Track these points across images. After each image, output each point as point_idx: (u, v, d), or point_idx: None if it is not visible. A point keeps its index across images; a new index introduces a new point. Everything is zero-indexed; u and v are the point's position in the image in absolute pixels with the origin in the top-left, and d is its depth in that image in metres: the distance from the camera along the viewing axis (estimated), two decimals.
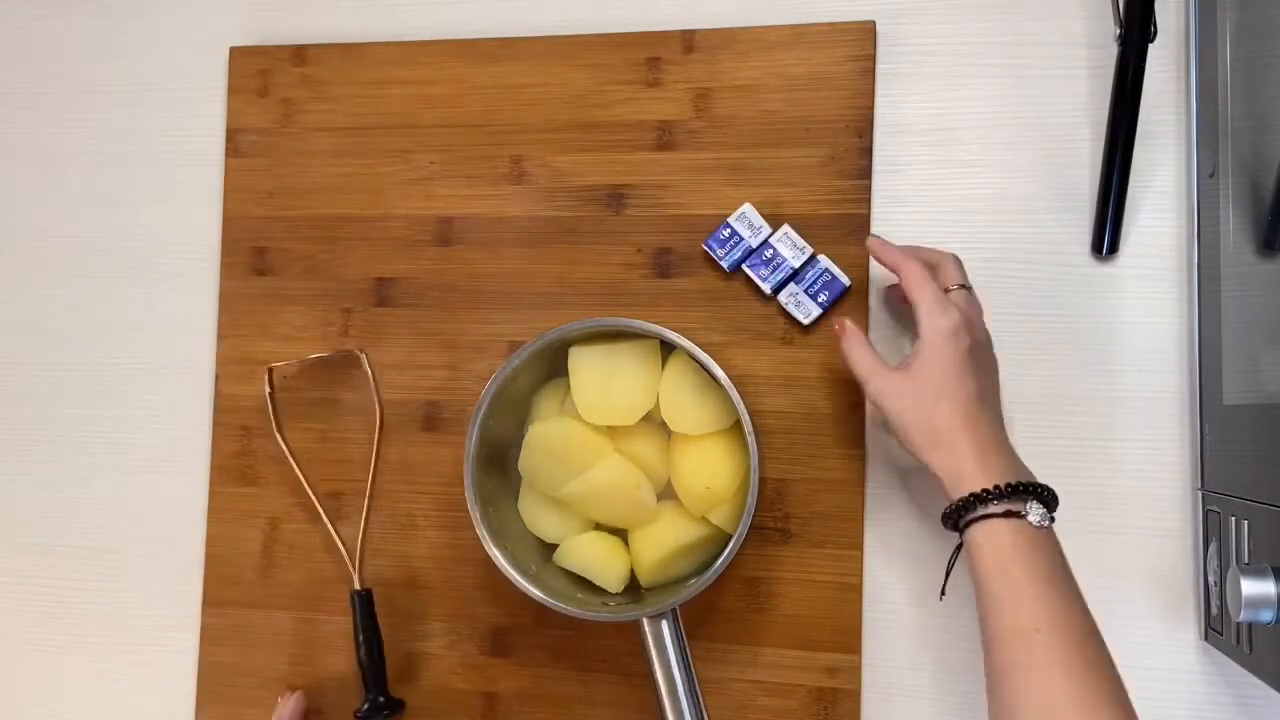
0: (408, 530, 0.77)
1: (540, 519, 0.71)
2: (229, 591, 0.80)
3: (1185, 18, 0.70)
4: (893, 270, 0.64)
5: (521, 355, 0.68)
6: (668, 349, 0.70)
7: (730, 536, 0.65)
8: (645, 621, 0.64)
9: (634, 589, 0.71)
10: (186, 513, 0.82)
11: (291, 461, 0.78)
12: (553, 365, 0.72)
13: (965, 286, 0.65)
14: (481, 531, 0.67)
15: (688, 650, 0.64)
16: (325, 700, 0.78)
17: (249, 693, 0.79)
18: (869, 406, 0.72)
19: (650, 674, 0.64)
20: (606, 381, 0.69)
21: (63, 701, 0.84)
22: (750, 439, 0.64)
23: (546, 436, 0.70)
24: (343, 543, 0.77)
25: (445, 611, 0.76)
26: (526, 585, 0.66)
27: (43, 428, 0.86)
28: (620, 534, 0.71)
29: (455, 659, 0.76)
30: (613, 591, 0.70)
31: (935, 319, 0.60)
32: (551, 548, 0.72)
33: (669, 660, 0.64)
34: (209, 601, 0.80)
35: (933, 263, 0.65)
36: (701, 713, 0.63)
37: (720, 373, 0.65)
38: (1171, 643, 0.68)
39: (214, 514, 0.81)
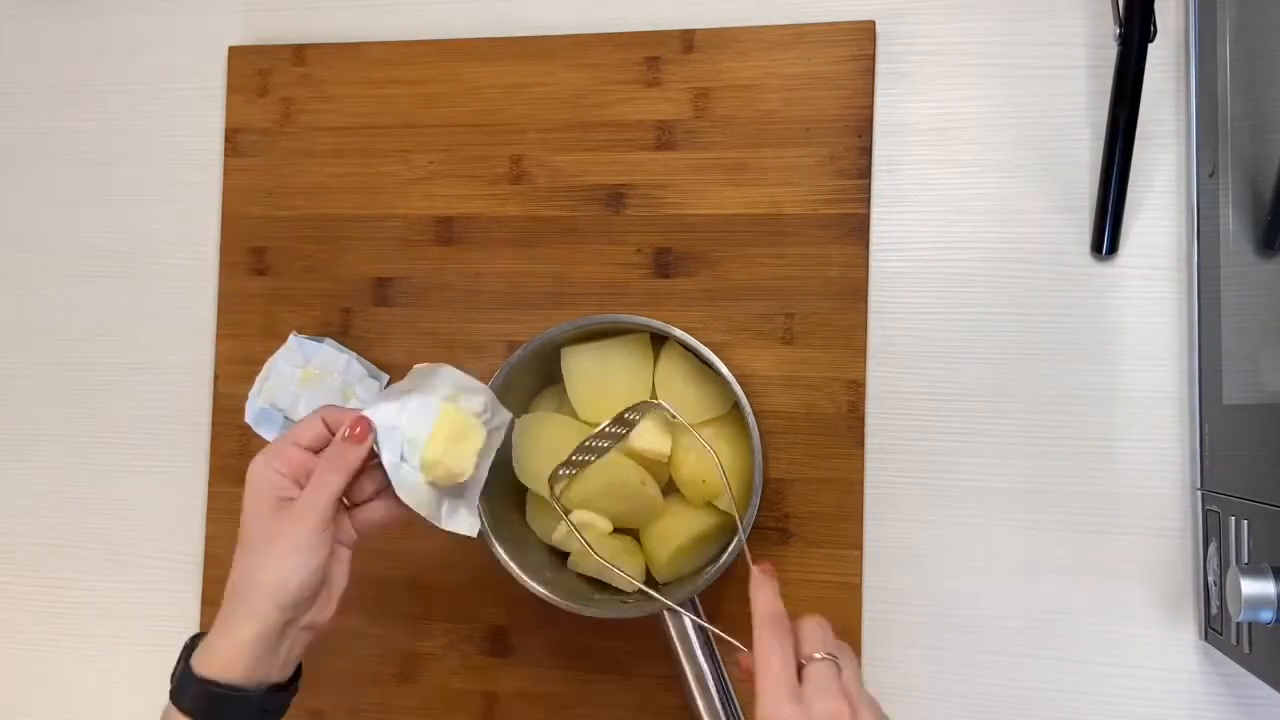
0: (408, 530, 0.77)
1: (550, 526, 0.71)
2: None
3: (1185, 18, 0.70)
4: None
5: (514, 362, 0.68)
6: (660, 343, 0.70)
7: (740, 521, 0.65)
8: (666, 615, 0.64)
9: (650, 586, 0.71)
10: (186, 512, 0.82)
11: None
12: (546, 371, 0.72)
13: (832, 657, 0.50)
14: (494, 546, 0.67)
15: (713, 639, 0.64)
16: (326, 700, 0.77)
17: None
18: (868, 407, 0.72)
19: (676, 667, 0.64)
20: (601, 379, 0.69)
21: (62, 701, 0.84)
22: (749, 417, 0.64)
23: (534, 431, 0.70)
24: None
25: (445, 611, 0.76)
26: (544, 591, 0.66)
27: (42, 427, 0.86)
28: (631, 533, 0.71)
29: (455, 659, 0.76)
30: (630, 591, 0.70)
31: (764, 713, 0.48)
32: (562, 553, 0.72)
33: (694, 650, 0.63)
34: (209, 601, 0.80)
35: (796, 633, 0.52)
36: (732, 700, 0.63)
37: (711, 355, 0.65)
38: (1171, 642, 0.68)
39: (213, 514, 0.81)
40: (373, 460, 0.57)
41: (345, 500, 0.58)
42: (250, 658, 0.53)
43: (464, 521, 0.61)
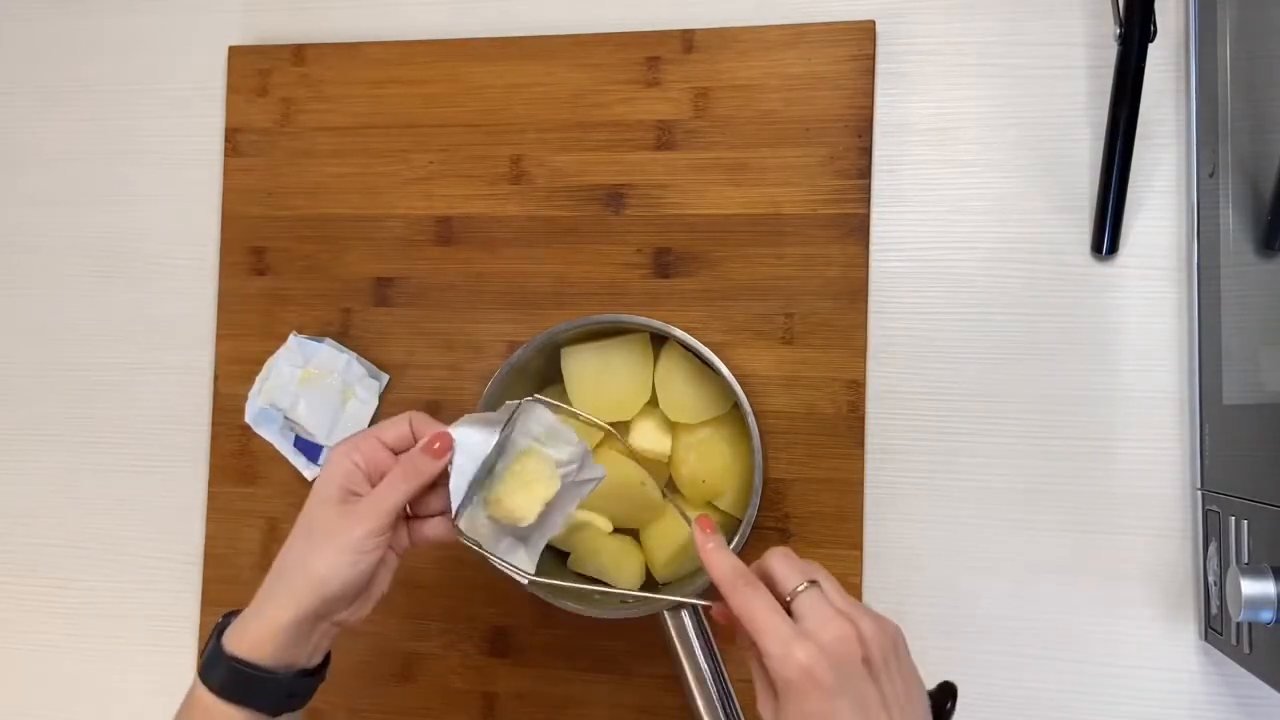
0: None
1: None
2: (228, 591, 0.80)
3: (1185, 17, 0.70)
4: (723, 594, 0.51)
5: (514, 362, 0.68)
6: (659, 343, 0.70)
7: (739, 521, 0.66)
8: (665, 614, 0.64)
9: (650, 586, 0.71)
10: (185, 512, 0.82)
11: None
12: (546, 371, 0.72)
13: (813, 583, 0.49)
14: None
15: (712, 638, 0.64)
16: (326, 700, 0.77)
17: None
18: (868, 407, 0.72)
19: (675, 667, 0.63)
20: (601, 379, 0.69)
21: (62, 701, 0.84)
22: (749, 417, 0.64)
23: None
24: None
25: (445, 611, 0.76)
26: (547, 594, 0.66)
27: (42, 427, 0.86)
28: (631, 533, 0.71)
29: (455, 659, 0.76)
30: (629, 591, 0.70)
31: (777, 665, 0.46)
32: (562, 552, 0.72)
33: (694, 650, 0.63)
34: (208, 601, 0.80)
35: (762, 571, 0.52)
36: (732, 700, 0.63)
37: (711, 355, 0.65)
38: (1171, 642, 0.68)
39: (213, 514, 0.81)
40: (447, 477, 0.57)
41: (409, 511, 0.58)
42: (279, 642, 0.53)
43: (521, 560, 0.60)
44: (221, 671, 0.53)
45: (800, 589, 0.49)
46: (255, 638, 0.53)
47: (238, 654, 0.53)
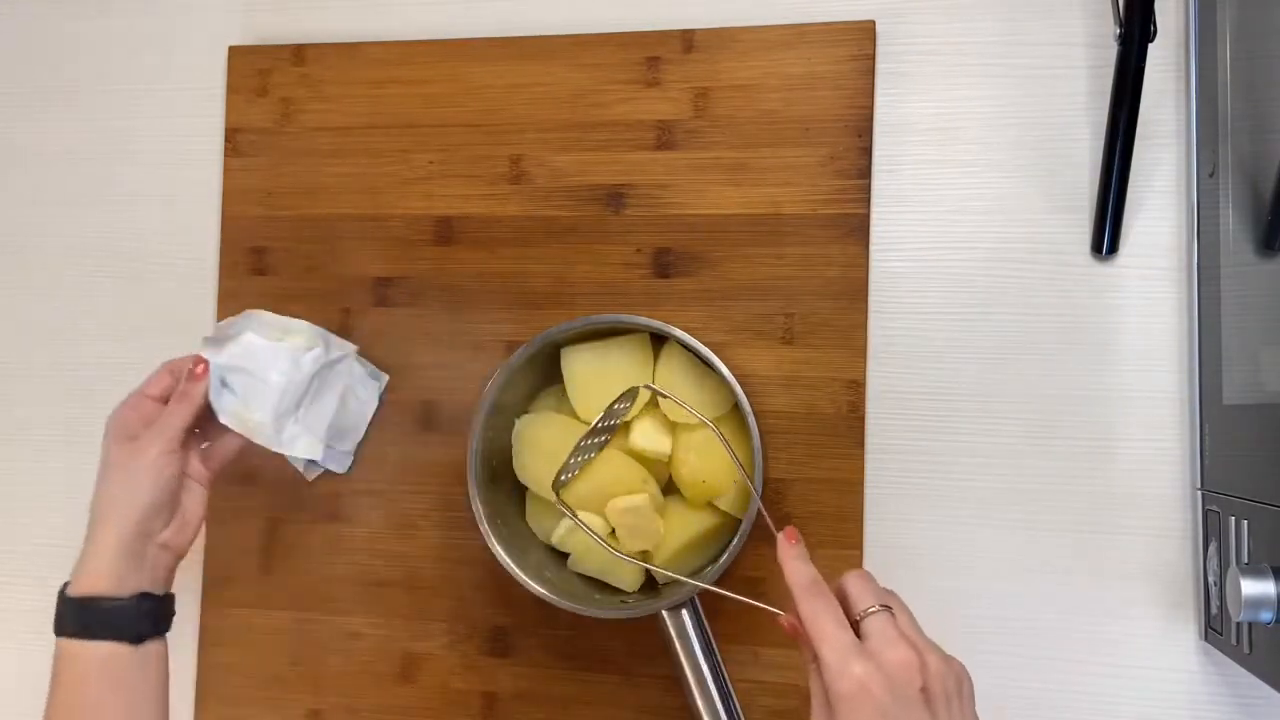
0: (408, 530, 0.77)
1: (550, 526, 0.71)
2: (229, 591, 0.80)
3: (1185, 17, 0.70)
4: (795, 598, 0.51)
5: (514, 362, 0.68)
6: (660, 343, 0.70)
7: (739, 521, 0.66)
8: (665, 614, 0.64)
9: (650, 586, 0.71)
10: None
11: None
12: (546, 371, 0.72)
13: (885, 608, 0.49)
14: (494, 546, 0.67)
15: (712, 639, 0.64)
16: (325, 700, 0.78)
17: (249, 693, 0.79)
18: (868, 407, 0.72)
19: (675, 667, 0.63)
20: (601, 379, 0.69)
21: None
22: (749, 417, 0.64)
23: (534, 431, 0.70)
24: None
25: (445, 611, 0.76)
26: (544, 592, 0.66)
27: (43, 428, 0.86)
28: None
29: (455, 659, 0.76)
30: (629, 591, 0.70)
31: (833, 676, 0.46)
32: (562, 553, 0.72)
33: (693, 649, 0.63)
34: (208, 601, 0.80)
35: (839, 590, 0.52)
36: (731, 699, 0.63)
37: (711, 355, 0.65)
38: (1171, 642, 0.68)
39: (213, 514, 0.80)
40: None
41: (205, 443, 0.68)
42: (115, 567, 0.60)
43: (303, 446, 0.70)
44: (71, 615, 0.59)
45: (871, 610, 0.49)
46: (91, 575, 0.59)
47: (81, 594, 0.59)
